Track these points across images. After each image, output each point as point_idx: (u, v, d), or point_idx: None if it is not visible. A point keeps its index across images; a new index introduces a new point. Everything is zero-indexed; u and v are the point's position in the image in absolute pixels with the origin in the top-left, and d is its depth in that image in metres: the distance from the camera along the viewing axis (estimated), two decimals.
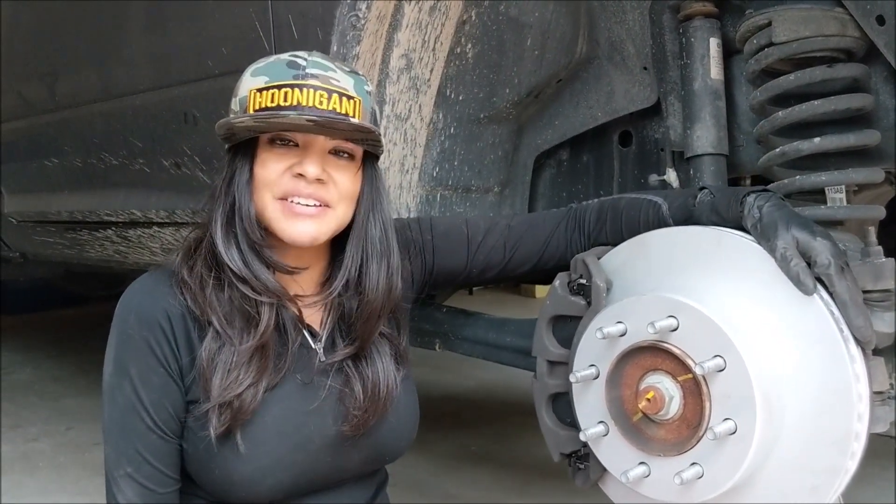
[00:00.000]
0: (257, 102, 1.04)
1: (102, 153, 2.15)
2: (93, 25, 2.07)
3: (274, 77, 1.05)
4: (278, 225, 1.07)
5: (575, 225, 1.27)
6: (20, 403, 3.57)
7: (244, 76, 1.09)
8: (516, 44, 1.60)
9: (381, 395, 1.13)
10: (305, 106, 1.02)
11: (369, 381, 1.13)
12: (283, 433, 1.08)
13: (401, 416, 1.19)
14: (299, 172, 1.05)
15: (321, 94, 1.03)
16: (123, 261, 2.55)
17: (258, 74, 1.07)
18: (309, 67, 1.05)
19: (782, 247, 0.98)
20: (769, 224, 1.00)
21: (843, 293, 0.95)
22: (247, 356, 1.06)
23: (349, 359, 1.14)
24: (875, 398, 0.99)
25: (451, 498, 2.50)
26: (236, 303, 1.07)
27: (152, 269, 1.14)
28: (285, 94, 1.03)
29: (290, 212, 1.06)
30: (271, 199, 1.06)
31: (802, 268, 0.97)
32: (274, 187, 1.06)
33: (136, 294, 1.10)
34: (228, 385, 1.04)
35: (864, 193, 1.57)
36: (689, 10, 1.44)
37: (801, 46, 1.29)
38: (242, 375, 1.05)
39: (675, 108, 1.53)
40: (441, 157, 1.62)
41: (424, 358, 2.04)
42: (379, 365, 1.15)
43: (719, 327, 0.97)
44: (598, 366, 1.09)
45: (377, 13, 1.39)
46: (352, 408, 1.12)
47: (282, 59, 1.07)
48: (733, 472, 0.97)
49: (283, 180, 1.06)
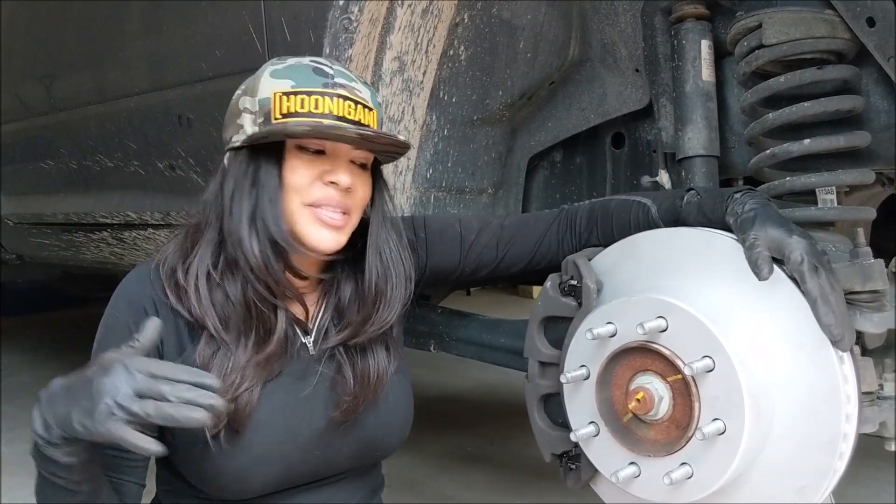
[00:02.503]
0: (284, 106, 1.04)
1: (98, 155, 2.15)
2: (88, 28, 2.08)
3: (301, 82, 1.05)
4: (304, 230, 1.08)
5: (567, 226, 1.27)
6: (19, 405, 3.57)
7: (262, 77, 1.07)
8: (509, 46, 1.61)
9: (372, 381, 1.14)
10: (335, 114, 1.04)
11: (359, 368, 1.14)
12: (271, 425, 1.09)
13: (392, 409, 1.19)
14: (332, 181, 1.07)
15: (349, 105, 1.05)
16: (119, 262, 2.55)
17: (281, 77, 1.06)
18: (336, 77, 1.06)
19: (752, 237, 0.99)
20: (748, 219, 1.01)
21: (812, 290, 0.95)
22: (246, 360, 1.06)
23: (341, 346, 1.15)
24: (864, 399, 0.99)
25: (446, 499, 2.50)
26: (244, 305, 1.06)
27: (152, 259, 1.15)
28: (316, 102, 1.04)
29: (319, 219, 1.07)
30: (300, 204, 1.07)
31: (763, 255, 0.97)
32: (304, 194, 1.07)
33: (130, 282, 1.11)
34: (228, 388, 1.04)
35: (856, 195, 1.58)
36: (680, 12, 1.45)
37: (792, 48, 1.29)
38: (240, 380, 1.05)
39: (667, 110, 1.54)
40: (434, 159, 1.62)
41: (420, 359, 2.04)
42: (369, 352, 1.16)
43: (708, 328, 0.97)
44: (588, 366, 1.09)
45: (369, 16, 1.39)
46: (343, 394, 1.12)
47: (304, 64, 1.07)
48: (722, 472, 0.97)
49: (314, 188, 1.07)
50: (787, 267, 0.97)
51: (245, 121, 1.07)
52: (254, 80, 1.09)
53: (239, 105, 1.09)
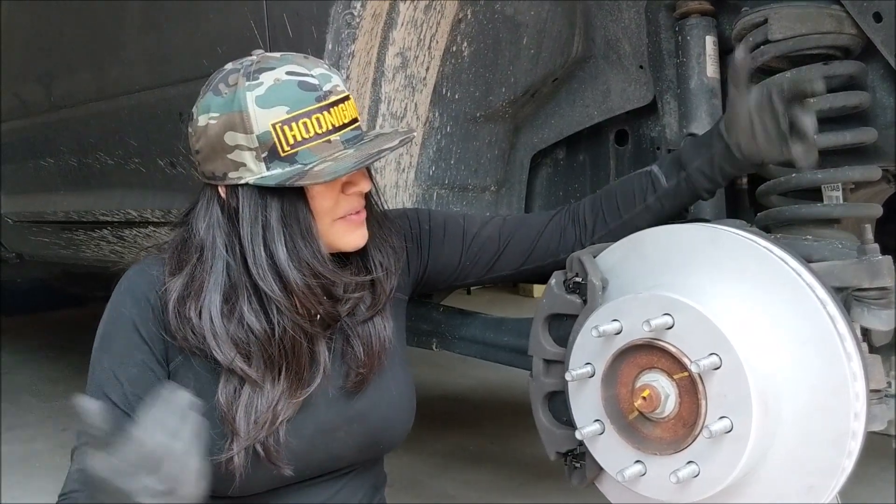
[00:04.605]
0: (290, 136, 1.01)
1: (98, 153, 2.14)
2: (88, 24, 2.07)
3: (295, 105, 1.02)
4: (342, 240, 1.10)
5: (569, 218, 1.28)
6: (18, 404, 3.57)
7: (248, 108, 1.01)
8: (512, 42, 1.60)
9: (376, 349, 1.15)
10: (336, 126, 1.04)
11: (363, 337, 1.15)
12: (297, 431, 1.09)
13: (394, 402, 1.19)
14: (357, 190, 1.09)
15: (342, 108, 1.06)
16: (119, 261, 2.54)
17: (270, 104, 1.01)
18: (322, 84, 1.04)
19: None
20: None
21: None
22: (278, 395, 1.06)
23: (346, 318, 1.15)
24: (872, 396, 0.99)
25: (448, 498, 2.50)
26: (272, 339, 1.05)
27: (154, 253, 1.15)
28: (318, 121, 1.03)
29: (350, 224, 1.10)
30: (330, 222, 1.08)
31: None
32: (334, 212, 1.08)
33: (133, 277, 1.11)
34: (260, 427, 1.04)
35: (862, 191, 1.57)
36: (684, 8, 1.44)
37: (798, 44, 1.28)
38: (272, 416, 1.05)
39: (672, 107, 1.53)
40: (437, 156, 1.61)
41: (422, 357, 2.03)
42: (368, 322, 1.16)
43: (715, 325, 0.96)
44: (593, 364, 1.08)
45: (372, 11, 1.38)
46: (354, 365, 1.13)
47: (286, 81, 1.02)
48: (729, 470, 0.96)
49: (341, 202, 1.08)
50: None
51: (245, 158, 1.02)
52: (236, 111, 1.02)
53: (227, 140, 1.03)
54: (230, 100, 1.03)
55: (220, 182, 1.06)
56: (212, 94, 1.05)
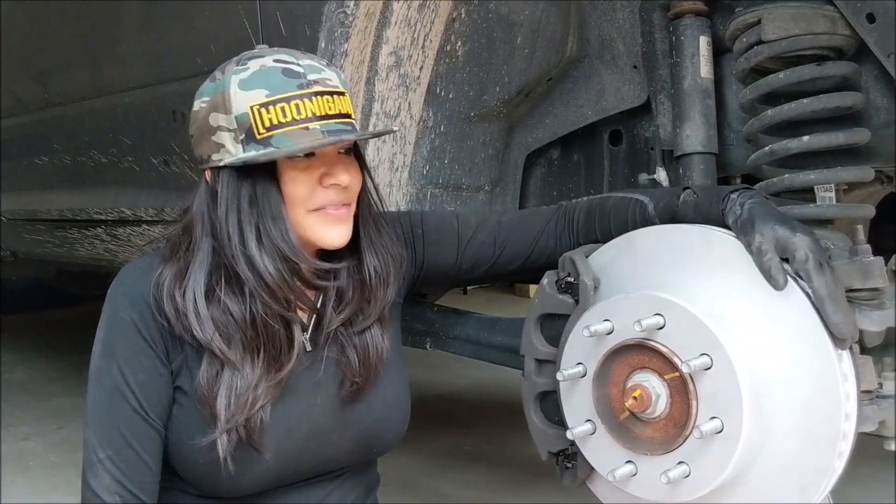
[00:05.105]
0: (266, 119, 1.01)
1: (92, 151, 2.14)
2: (84, 23, 2.07)
3: (275, 89, 1.02)
4: (316, 234, 1.07)
5: (565, 223, 1.26)
6: (13, 403, 3.56)
7: (230, 90, 1.02)
8: (506, 42, 1.60)
9: (372, 358, 1.14)
10: (318, 115, 1.02)
11: (359, 347, 1.14)
12: (272, 424, 1.08)
13: (389, 404, 1.18)
14: (334, 183, 1.06)
15: (328, 100, 1.04)
16: (113, 259, 2.54)
17: (252, 87, 1.02)
18: (308, 73, 1.04)
19: (758, 241, 0.98)
20: (748, 220, 1.00)
21: (820, 289, 0.95)
22: (257, 378, 1.05)
23: (341, 327, 1.14)
24: (863, 397, 0.99)
25: (444, 498, 2.50)
26: (250, 323, 1.05)
27: (145, 254, 1.14)
28: (297, 107, 1.01)
29: (327, 218, 1.07)
30: (305, 212, 1.06)
31: (775, 262, 0.97)
32: (308, 202, 1.06)
33: (127, 276, 1.10)
34: (240, 409, 1.04)
35: (855, 192, 1.57)
36: (679, 8, 1.44)
37: (791, 44, 1.28)
38: (252, 399, 1.05)
39: (665, 107, 1.53)
40: (431, 156, 1.61)
41: (417, 357, 2.03)
42: (365, 331, 1.15)
43: (706, 325, 0.96)
44: (585, 364, 1.08)
45: (365, 10, 1.38)
46: (349, 375, 1.12)
47: (271, 67, 1.03)
48: (720, 471, 0.96)
49: (316, 194, 1.06)
50: (793, 265, 0.97)
51: (224, 139, 1.04)
52: (220, 92, 1.04)
53: (211, 122, 1.04)
54: (219, 84, 1.05)
55: (206, 165, 1.08)
56: (208, 81, 1.08)
